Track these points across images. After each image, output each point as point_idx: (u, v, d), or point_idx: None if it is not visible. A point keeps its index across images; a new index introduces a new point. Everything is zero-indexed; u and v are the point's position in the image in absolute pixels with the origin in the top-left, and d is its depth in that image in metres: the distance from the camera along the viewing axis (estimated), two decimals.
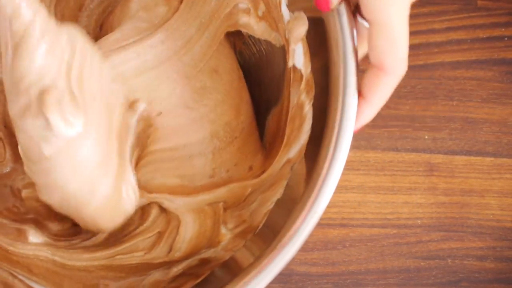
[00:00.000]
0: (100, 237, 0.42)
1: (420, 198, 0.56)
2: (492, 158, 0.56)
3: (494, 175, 0.56)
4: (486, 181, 0.56)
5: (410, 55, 0.57)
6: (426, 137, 0.56)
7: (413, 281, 0.55)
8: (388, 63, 0.34)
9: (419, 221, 0.55)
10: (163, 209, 0.42)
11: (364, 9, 0.34)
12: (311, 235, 0.55)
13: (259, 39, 0.44)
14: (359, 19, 0.36)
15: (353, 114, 0.35)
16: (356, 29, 0.36)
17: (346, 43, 0.35)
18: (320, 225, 0.55)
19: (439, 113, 0.56)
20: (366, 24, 0.35)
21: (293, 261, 0.54)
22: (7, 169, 0.45)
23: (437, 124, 0.56)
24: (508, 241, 0.56)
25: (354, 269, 0.55)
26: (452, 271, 0.55)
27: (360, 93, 0.35)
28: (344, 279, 0.55)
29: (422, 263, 0.55)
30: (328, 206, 0.55)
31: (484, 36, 0.57)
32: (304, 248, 0.55)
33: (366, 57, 0.37)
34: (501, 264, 0.55)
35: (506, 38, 0.57)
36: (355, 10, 0.36)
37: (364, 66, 0.36)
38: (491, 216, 0.56)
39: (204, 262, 0.42)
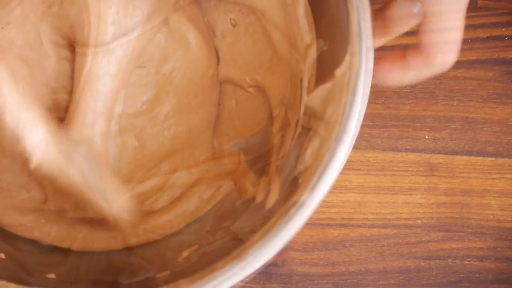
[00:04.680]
0: None
1: (421, 198, 0.56)
2: (492, 158, 0.56)
3: (494, 175, 0.56)
4: (487, 181, 0.56)
5: None
6: (427, 137, 0.56)
7: (413, 282, 0.55)
8: (440, 58, 0.33)
9: (419, 221, 0.55)
10: None
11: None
12: (311, 235, 0.55)
13: None
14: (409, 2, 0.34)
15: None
16: (393, 11, 0.35)
17: None
18: (320, 225, 0.55)
19: (439, 113, 0.56)
20: (416, 9, 0.34)
21: (293, 261, 0.54)
22: None
23: (438, 124, 0.56)
24: (508, 241, 0.56)
25: (354, 269, 0.55)
26: (453, 272, 0.55)
27: (402, 59, 0.35)
28: (344, 279, 0.55)
29: (423, 263, 0.55)
30: (328, 206, 0.55)
31: (485, 36, 0.57)
32: (304, 248, 0.55)
33: None
34: (502, 265, 0.55)
35: (506, 38, 0.57)
36: None
37: None
38: (492, 216, 0.56)
39: None
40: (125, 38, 0.43)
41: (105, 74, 0.43)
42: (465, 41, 0.56)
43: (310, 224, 0.55)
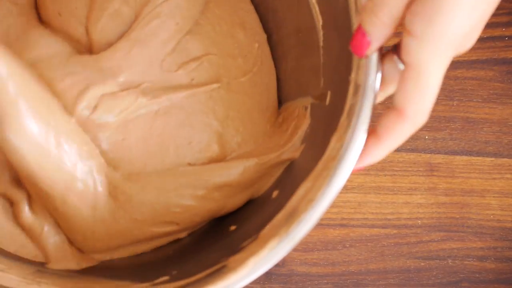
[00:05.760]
0: None
1: (421, 198, 0.56)
2: (492, 158, 0.56)
3: (494, 175, 0.56)
4: (487, 181, 0.56)
5: None
6: (427, 137, 0.56)
7: (413, 282, 0.55)
8: (411, 110, 0.33)
9: (419, 221, 0.55)
10: None
11: (404, 49, 0.32)
12: (311, 235, 0.55)
13: None
14: (396, 59, 0.35)
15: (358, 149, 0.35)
16: (384, 70, 0.35)
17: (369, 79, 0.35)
18: (320, 225, 0.55)
19: (439, 113, 0.56)
20: (401, 66, 0.34)
21: (293, 261, 0.54)
22: None
23: (438, 124, 0.56)
24: (508, 241, 0.56)
25: (354, 269, 0.55)
26: (453, 272, 0.55)
27: (374, 132, 0.35)
28: (344, 279, 0.55)
29: (423, 263, 0.55)
30: None
31: (485, 36, 0.57)
32: (304, 248, 0.54)
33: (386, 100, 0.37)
34: (502, 265, 0.55)
35: (506, 38, 0.57)
36: (394, 49, 0.35)
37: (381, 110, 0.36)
38: (492, 216, 0.56)
39: None
40: None
41: None
42: None
43: None
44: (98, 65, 0.44)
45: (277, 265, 0.54)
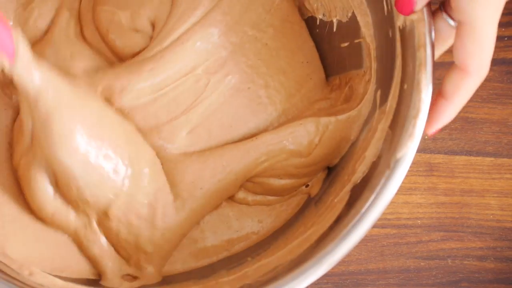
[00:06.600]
0: None
1: (420, 198, 0.56)
2: (492, 158, 0.56)
3: (494, 175, 0.56)
4: (486, 181, 0.56)
5: None
6: (426, 137, 0.56)
7: (413, 281, 0.55)
8: (473, 65, 0.34)
9: (419, 221, 0.55)
10: None
11: (455, 8, 0.33)
12: None
13: None
14: (445, 16, 0.36)
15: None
16: (436, 27, 0.36)
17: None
18: None
19: None
20: (452, 22, 0.35)
21: None
22: None
23: None
24: (508, 241, 0.56)
25: (354, 269, 0.55)
26: (452, 271, 0.55)
27: (440, 94, 0.36)
28: (344, 279, 0.54)
29: (422, 263, 0.55)
30: None
31: None
32: None
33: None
34: (501, 265, 0.55)
35: (506, 38, 0.57)
36: (441, 7, 0.36)
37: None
38: (491, 216, 0.56)
39: None
40: None
41: None
42: None
43: None
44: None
45: None
